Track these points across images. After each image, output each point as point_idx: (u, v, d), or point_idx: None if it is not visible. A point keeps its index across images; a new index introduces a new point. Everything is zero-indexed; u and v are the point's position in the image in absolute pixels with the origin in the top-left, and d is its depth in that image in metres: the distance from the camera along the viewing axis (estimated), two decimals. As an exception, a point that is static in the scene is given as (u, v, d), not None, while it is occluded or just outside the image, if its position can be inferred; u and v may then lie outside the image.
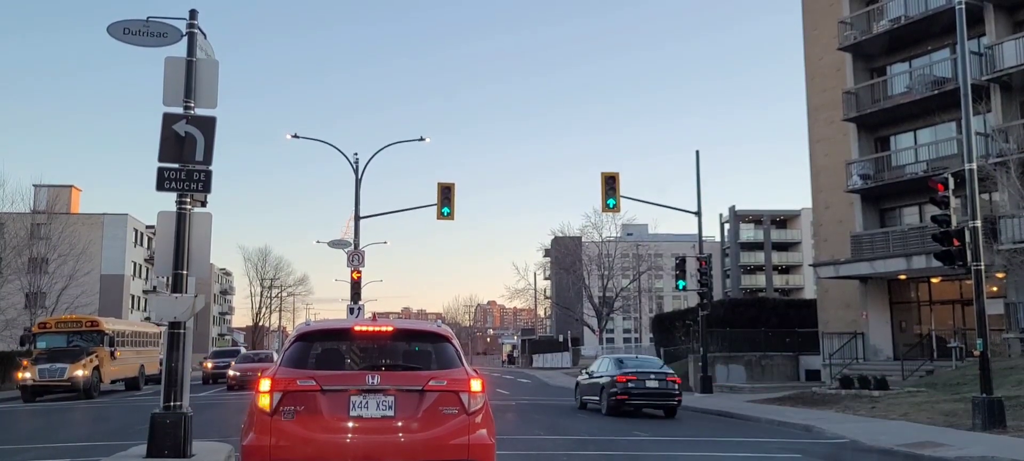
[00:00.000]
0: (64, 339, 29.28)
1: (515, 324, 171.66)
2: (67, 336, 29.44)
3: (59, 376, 27.12)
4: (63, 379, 27.11)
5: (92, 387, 27.89)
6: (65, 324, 30.78)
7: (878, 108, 32.03)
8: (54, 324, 30.73)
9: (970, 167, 16.18)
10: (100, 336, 29.78)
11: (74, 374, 27.24)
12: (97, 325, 30.63)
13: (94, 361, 28.52)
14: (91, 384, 27.88)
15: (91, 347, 29.03)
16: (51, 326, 30.39)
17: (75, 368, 27.38)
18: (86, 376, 27.63)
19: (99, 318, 33.73)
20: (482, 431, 6.95)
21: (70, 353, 28.21)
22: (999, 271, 25.79)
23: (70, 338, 29.37)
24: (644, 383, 20.75)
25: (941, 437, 14.25)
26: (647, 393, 20.76)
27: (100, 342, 29.56)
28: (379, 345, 7.45)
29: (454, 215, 29.52)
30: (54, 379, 27.09)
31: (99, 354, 29.04)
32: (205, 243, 11.10)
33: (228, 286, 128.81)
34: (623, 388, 20.62)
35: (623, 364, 21.93)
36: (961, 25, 16.62)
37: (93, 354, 28.66)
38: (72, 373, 27.22)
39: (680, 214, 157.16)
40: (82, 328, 30.21)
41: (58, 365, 27.29)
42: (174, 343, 10.59)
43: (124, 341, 32.54)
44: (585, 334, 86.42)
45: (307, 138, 33.85)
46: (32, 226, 47.62)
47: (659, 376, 21.08)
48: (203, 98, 11.03)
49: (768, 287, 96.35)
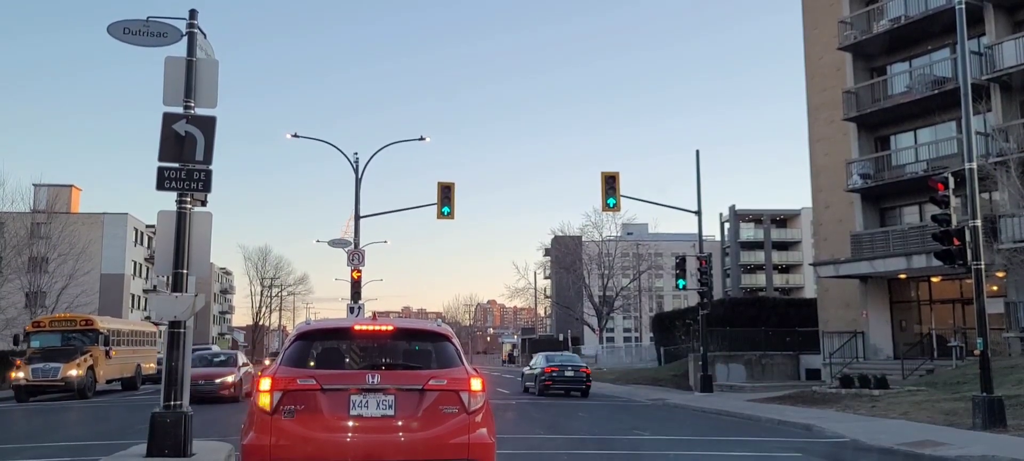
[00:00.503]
0: (58, 338, 28.68)
1: (515, 323, 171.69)
2: (61, 335, 28.84)
3: (53, 376, 26.56)
4: (57, 379, 26.56)
5: (86, 387, 27.37)
6: (59, 323, 30.20)
7: (878, 108, 32.02)
8: (48, 323, 30.12)
9: (970, 166, 16.17)
10: (95, 335, 29.21)
11: (68, 374, 26.68)
12: (92, 324, 29.99)
13: (88, 360, 27.94)
14: (85, 384, 27.34)
15: (85, 346, 28.43)
16: (45, 325, 29.74)
17: (69, 368, 26.81)
18: (80, 376, 27.06)
19: (94, 317, 32.84)
20: (482, 430, 6.94)
21: (64, 352, 27.60)
22: (999, 270, 25.78)
23: (64, 337, 28.75)
24: (564, 373, 28.97)
25: (941, 436, 14.24)
26: (565, 380, 28.91)
27: (95, 341, 29.00)
28: (379, 344, 7.45)
29: (454, 215, 29.53)
30: (48, 379, 26.53)
31: (94, 353, 28.47)
32: (205, 242, 11.10)
33: (228, 285, 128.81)
34: (549, 377, 28.78)
35: (551, 359, 30.38)
36: (961, 25, 16.62)
37: (87, 353, 28.09)
38: (66, 373, 26.67)
39: (680, 213, 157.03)
40: (77, 327, 29.58)
41: (52, 365, 26.73)
42: (174, 342, 10.59)
43: (120, 340, 32.01)
44: (585, 333, 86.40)
45: (307, 138, 33.90)
46: (32, 225, 47.66)
47: (574, 368, 29.38)
48: (203, 98, 11.03)
49: (768, 286, 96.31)
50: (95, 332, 29.36)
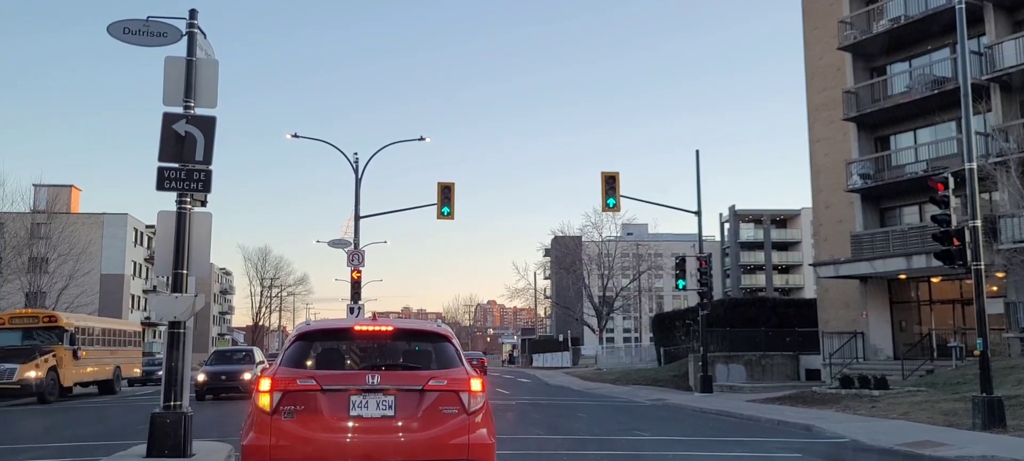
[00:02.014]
0: (18, 336, 26.22)
1: (515, 324, 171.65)
2: (21, 333, 26.37)
3: (7, 378, 24.07)
4: (12, 381, 24.08)
5: (47, 390, 24.95)
6: (19, 320, 27.45)
7: (878, 108, 32.02)
8: (8, 320, 27.51)
9: (970, 166, 16.17)
10: (59, 333, 26.59)
11: (25, 376, 24.24)
12: (55, 321, 27.29)
13: (50, 361, 25.45)
14: (45, 387, 24.89)
15: (47, 346, 25.87)
16: (4, 322, 27.18)
17: (27, 369, 24.35)
18: (39, 377, 24.62)
19: (58, 313, 29.84)
20: (482, 431, 6.94)
21: (23, 352, 25.15)
22: (999, 271, 25.79)
23: (25, 335, 26.26)
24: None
25: (941, 436, 14.24)
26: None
27: (59, 340, 26.40)
28: (379, 345, 7.45)
29: (454, 215, 29.50)
30: (1, 381, 24.04)
31: (58, 353, 25.94)
32: (205, 243, 11.11)
33: (228, 286, 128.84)
34: None
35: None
36: (961, 25, 16.62)
37: (49, 353, 25.57)
38: (23, 375, 24.21)
39: (680, 214, 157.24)
40: (38, 324, 26.96)
41: (7, 366, 24.25)
42: (174, 343, 10.60)
43: (93, 339, 29.48)
44: (585, 334, 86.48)
45: (307, 138, 33.87)
46: (32, 226, 47.75)
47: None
48: (203, 98, 11.03)
49: (768, 287, 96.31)
50: (60, 330, 26.80)
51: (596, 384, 40.11)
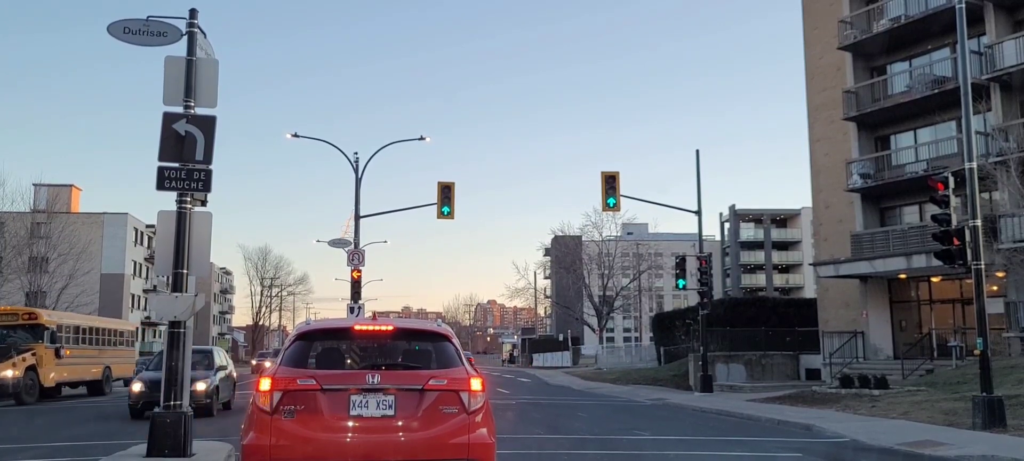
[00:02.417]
0: None
1: (515, 323, 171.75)
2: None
3: None
4: None
5: (24, 390, 23.88)
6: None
7: (878, 107, 32.01)
8: None
9: (970, 166, 16.17)
10: (39, 331, 25.53)
11: (1, 375, 23.39)
12: (35, 318, 26.17)
13: (28, 360, 24.42)
14: (23, 387, 23.84)
15: (24, 344, 24.89)
16: None
17: (3, 368, 23.45)
18: (16, 377, 23.61)
19: (38, 310, 28.34)
20: (482, 430, 6.94)
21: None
22: (999, 270, 25.78)
23: (1, 333, 25.29)
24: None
25: (941, 436, 14.24)
26: None
27: (39, 338, 25.34)
28: (379, 344, 7.46)
29: (454, 214, 29.47)
30: None
31: (38, 352, 24.92)
32: (205, 242, 11.11)
33: (228, 285, 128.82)
34: None
35: None
36: (961, 24, 16.61)
37: (27, 352, 24.59)
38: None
39: (680, 213, 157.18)
40: (17, 322, 25.83)
41: None
42: (174, 342, 10.60)
43: (78, 338, 28.38)
44: (585, 333, 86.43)
45: (307, 137, 33.82)
46: (32, 225, 47.77)
47: None
48: (203, 97, 11.03)
49: (768, 286, 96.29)
50: (40, 327, 25.74)
51: (596, 384, 40.10)
